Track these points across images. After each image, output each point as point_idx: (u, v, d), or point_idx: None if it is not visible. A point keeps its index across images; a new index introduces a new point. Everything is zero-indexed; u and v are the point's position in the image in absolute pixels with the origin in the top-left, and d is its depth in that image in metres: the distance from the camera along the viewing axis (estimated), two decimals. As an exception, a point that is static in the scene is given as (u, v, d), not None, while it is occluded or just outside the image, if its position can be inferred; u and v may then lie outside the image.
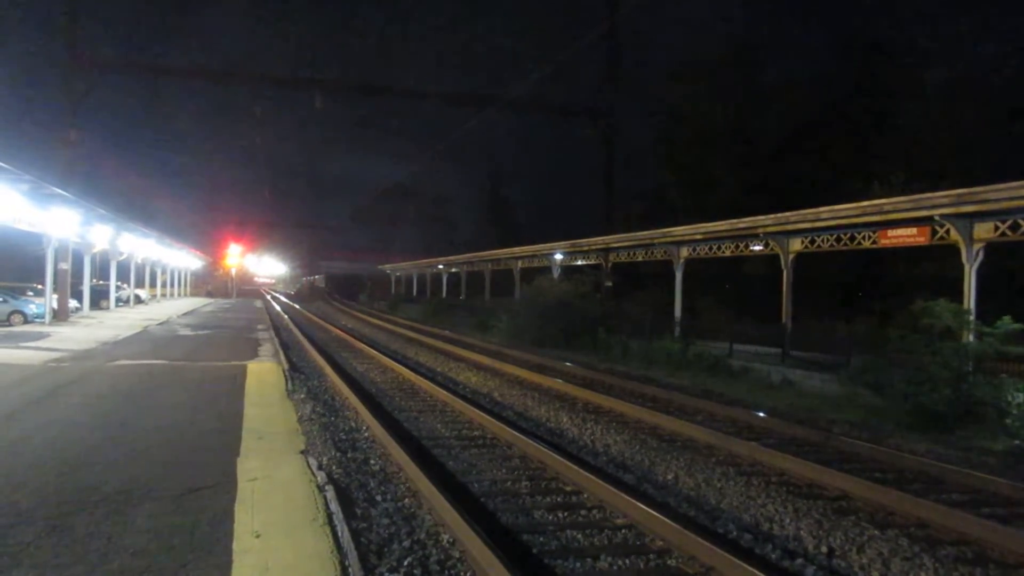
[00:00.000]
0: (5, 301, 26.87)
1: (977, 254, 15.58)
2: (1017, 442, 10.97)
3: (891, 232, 18.05)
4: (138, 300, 46.75)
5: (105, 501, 6.32)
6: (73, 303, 31.60)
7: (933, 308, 13.69)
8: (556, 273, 35.36)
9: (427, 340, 26.81)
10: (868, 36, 34.94)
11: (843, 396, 14.56)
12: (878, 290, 27.41)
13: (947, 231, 16.19)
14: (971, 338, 13.76)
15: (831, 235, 19.92)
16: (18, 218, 23.92)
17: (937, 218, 15.98)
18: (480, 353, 21.75)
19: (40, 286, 28.99)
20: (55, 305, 28.13)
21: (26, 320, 26.94)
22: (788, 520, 7.27)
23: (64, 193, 23.80)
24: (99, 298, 38.17)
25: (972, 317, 14.44)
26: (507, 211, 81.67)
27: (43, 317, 27.01)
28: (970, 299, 15.32)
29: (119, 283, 42.21)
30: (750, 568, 5.47)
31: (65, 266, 29.22)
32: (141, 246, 42.49)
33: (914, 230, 17.38)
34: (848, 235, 19.36)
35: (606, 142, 44.19)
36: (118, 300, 41.21)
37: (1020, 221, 14.69)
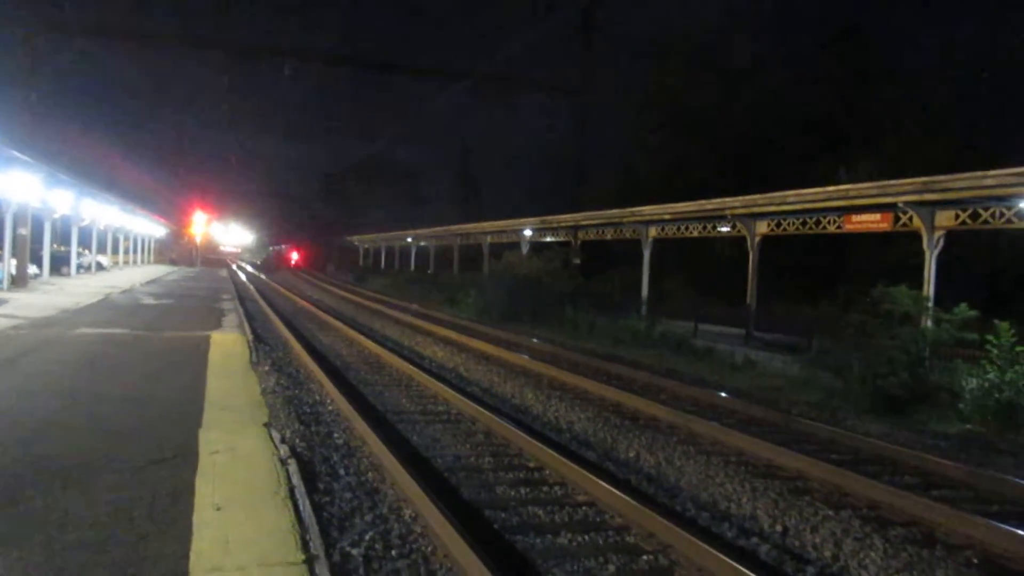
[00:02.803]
0: (-39, 265, 26.27)
1: (938, 241, 15.87)
2: (969, 426, 11.28)
3: (856, 217, 18.31)
4: (100, 267, 45.93)
5: (63, 473, 6.25)
6: (33, 269, 30.96)
7: (893, 294, 13.96)
8: (525, 249, 35.38)
9: (394, 313, 26.73)
10: (841, 21, 35.14)
11: (804, 378, 14.81)
12: (842, 275, 27.81)
13: (910, 218, 16.46)
14: (929, 324, 14.05)
15: (797, 219, 20.15)
16: (-25, 181, 23.33)
17: (901, 205, 16.22)
18: (447, 328, 21.75)
19: (-2, 251, 28.34)
20: (13, 271, 27.53)
21: (-17, 285, 26.35)
22: (745, 499, 7.42)
23: (23, 156, 23.21)
24: (60, 264, 37.39)
25: (931, 303, 14.74)
26: (477, 186, 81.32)
27: (1, 283, 26.44)
28: (930, 285, 15.62)
29: (81, 249, 41.39)
30: (705, 546, 5.59)
31: (24, 231, 28.58)
32: (103, 212, 41.64)
33: (878, 216, 17.65)
34: (814, 219, 19.60)
35: (577, 120, 44.10)
36: (79, 267, 40.42)
37: (980, 210, 14.98)
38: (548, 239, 35.71)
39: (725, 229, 23.48)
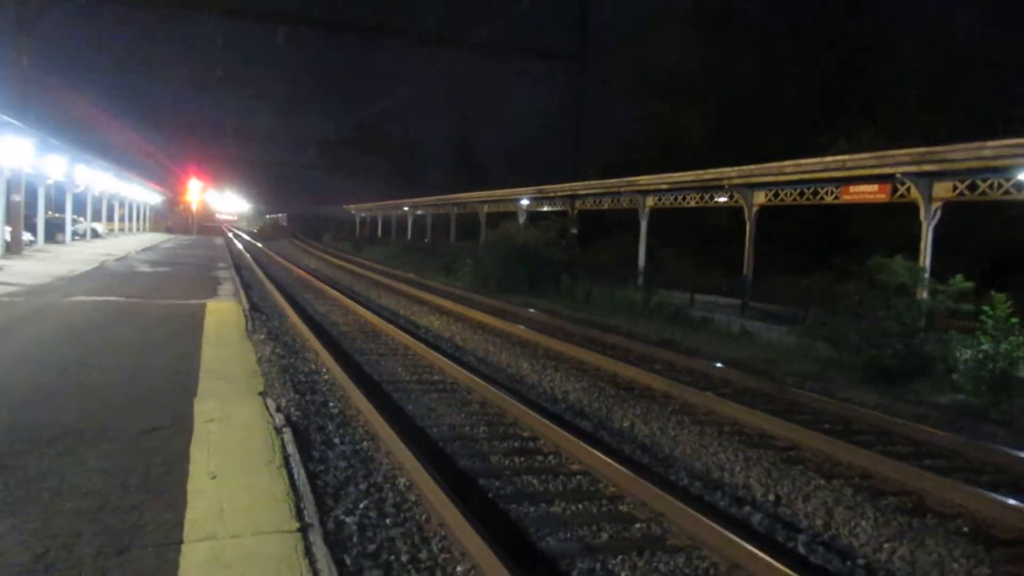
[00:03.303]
0: (-45, 233, 26.14)
1: (935, 213, 15.85)
2: (962, 396, 11.33)
3: (853, 188, 18.27)
4: (95, 234, 45.75)
5: (58, 440, 6.26)
6: (27, 236, 30.81)
7: (889, 264, 13.93)
8: (522, 219, 35.28)
9: (391, 283, 26.70)
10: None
11: (799, 348, 14.85)
12: (839, 246, 27.81)
13: (907, 189, 16.42)
14: (925, 295, 14.06)
15: (795, 189, 20.10)
16: (-33, 147, 23.13)
17: (899, 176, 16.18)
18: (444, 297, 21.74)
19: (-8, 218, 28.17)
20: (8, 238, 27.41)
21: (-23, 253, 26.25)
22: (738, 469, 7.46)
23: (15, 122, 22.99)
24: (55, 231, 37.21)
25: (927, 274, 14.74)
26: (474, 155, 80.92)
27: (-4, 250, 26.34)
28: (926, 257, 15.64)
29: (76, 216, 41.21)
30: (698, 515, 5.63)
31: (18, 198, 28.40)
32: (98, 179, 41.39)
33: (875, 187, 17.60)
34: (811, 190, 19.55)
35: (575, 89, 43.75)
36: (74, 234, 40.27)
37: (978, 182, 14.95)
38: (545, 208, 35.60)
39: (723, 199, 23.42)
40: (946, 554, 5.62)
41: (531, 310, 19.81)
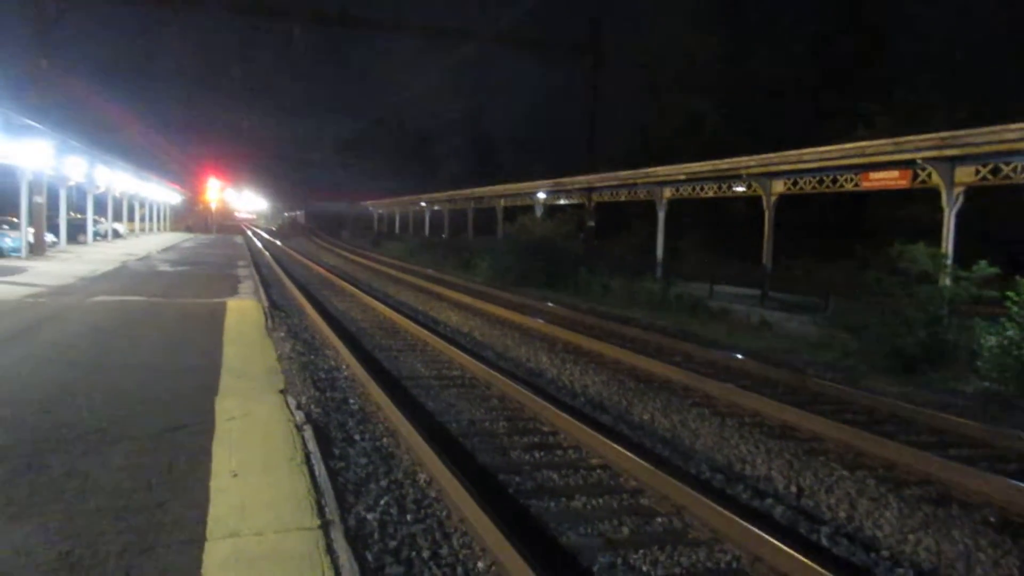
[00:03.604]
0: (-21, 235, 26.50)
1: (957, 198, 15.63)
2: (987, 384, 11.18)
3: (873, 175, 18.07)
4: (116, 234, 46.19)
5: (82, 439, 6.33)
6: (50, 237, 31.15)
7: (911, 251, 13.77)
8: (539, 212, 35.22)
9: (409, 278, 26.77)
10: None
11: (820, 338, 14.72)
12: (859, 234, 27.54)
13: (928, 175, 16.21)
14: (948, 282, 13.88)
15: (814, 177, 19.91)
16: (-10, 150, 23.41)
17: (919, 161, 15.97)
18: (462, 292, 21.76)
19: (15, 219, 28.51)
20: (31, 239, 27.73)
21: (1, 254, 26.59)
22: (760, 461, 7.41)
23: (37, 125, 23.25)
24: (76, 232, 37.63)
25: (949, 261, 14.56)
26: (490, 149, 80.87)
27: (19, 251, 26.66)
28: (948, 243, 15.44)
29: (97, 217, 41.62)
30: (719, 508, 5.60)
31: (40, 199, 28.72)
32: (118, 179, 41.76)
33: (896, 173, 17.40)
34: (831, 177, 19.36)
35: (590, 80, 43.51)
36: (96, 234, 40.70)
37: (1001, 165, 14.72)
38: (562, 201, 35.53)
39: (740, 189, 23.24)
40: (972, 545, 5.55)
41: (549, 304, 19.79)
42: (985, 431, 8.48)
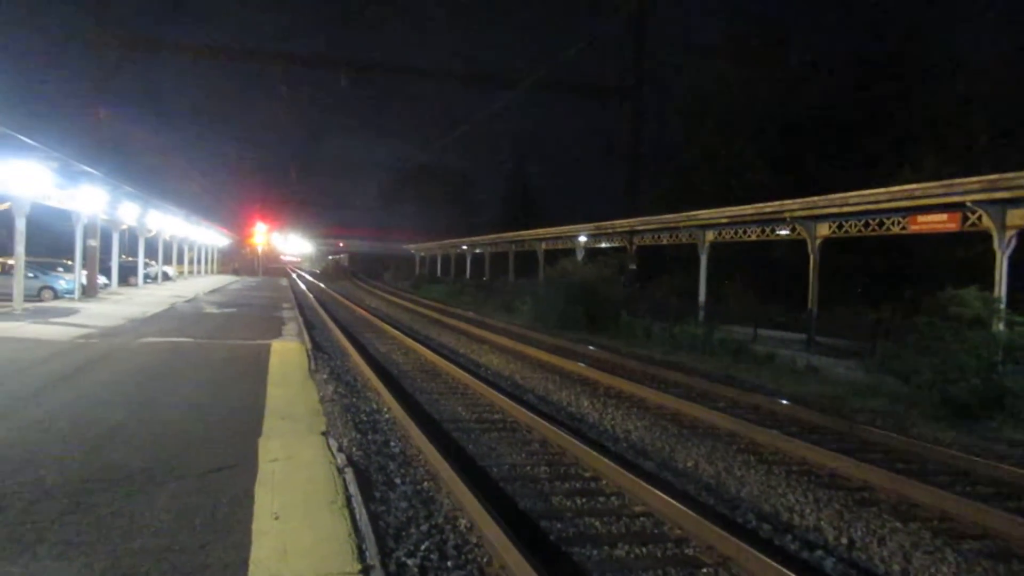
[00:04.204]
0: (36, 277, 27.24)
1: (1010, 241, 15.29)
2: (1046, 434, 10.79)
3: (921, 218, 17.77)
4: (166, 277, 47.27)
5: (128, 479, 6.41)
6: (102, 279, 32.00)
7: (962, 296, 13.47)
8: (580, 255, 35.25)
9: (450, 321, 26.87)
10: (900, 17, 34.22)
11: (868, 384, 14.39)
12: (906, 277, 27.03)
13: (979, 217, 15.90)
14: (1001, 327, 13.52)
15: (859, 220, 19.65)
16: (48, 195, 24.22)
17: (969, 204, 15.69)
18: (503, 335, 21.77)
19: (70, 262, 29.35)
20: (84, 281, 28.50)
21: (56, 295, 27.34)
22: (808, 510, 7.21)
23: (92, 171, 24.03)
24: (127, 274, 38.62)
25: (1003, 305, 14.20)
26: (530, 192, 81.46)
27: (72, 293, 27.40)
28: (1001, 287, 15.06)
29: (147, 260, 42.67)
30: (767, 559, 5.44)
31: (94, 243, 29.59)
32: (168, 223, 42.89)
33: (944, 216, 17.09)
34: (877, 220, 19.09)
35: (631, 123, 43.79)
36: (146, 277, 41.68)
37: (1055, 208, 14.39)
38: (603, 245, 35.52)
39: (784, 232, 23.02)
40: (1036, 603, 5.31)
41: (590, 347, 19.68)
42: (1046, 483, 8.16)
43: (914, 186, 17.32)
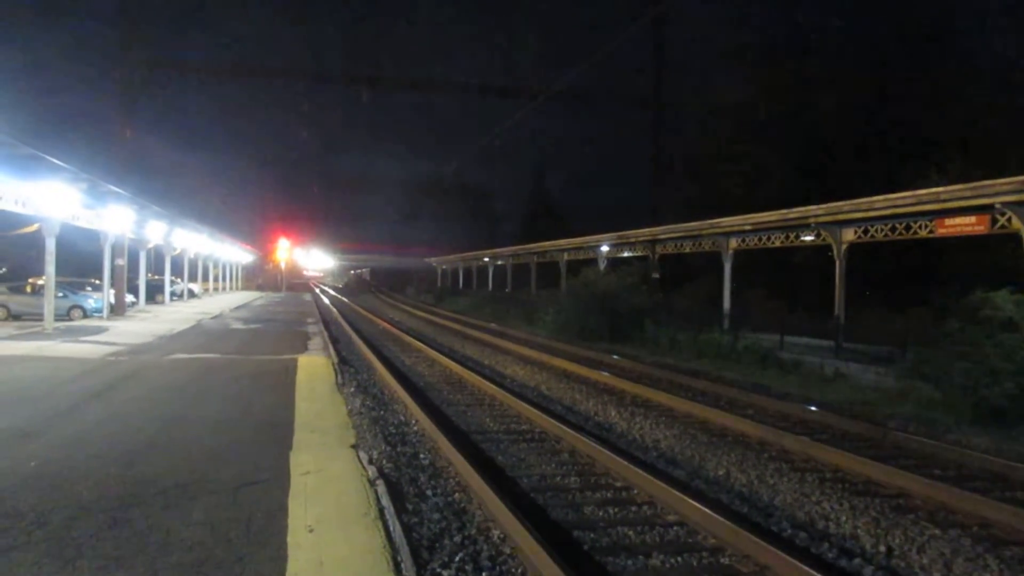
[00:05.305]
0: (65, 296, 27.61)
1: (1041, 243, 15.06)
2: (1085, 438, 10.59)
3: (949, 221, 17.57)
4: (191, 294, 47.75)
5: (163, 494, 6.46)
6: (130, 297, 32.38)
7: (994, 299, 13.27)
8: (602, 265, 35.16)
9: (473, 333, 26.90)
10: (924, 20, 33.87)
11: (899, 390, 14.20)
12: (934, 281, 26.67)
13: (1008, 219, 15.70)
14: (1035, 330, 13.28)
15: (885, 224, 19.46)
16: (77, 215, 24.58)
17: (998, 206, 15.50)
18: (527, 346, 21.74)
19: (98, 281, 29.72)
20: (112, 300, 28.86)
21: (85, 314, 27.70)
22: (844, 518, 7.12)
23: (120, 191, 24.35)
24: (154, 292, 39.05)
25: (1036, 308, 13.95)
26: (552, 203, 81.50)
27: (101, 311, 27.73)
28: (1033, 290, 14.81)
29: (173, 277, 43.14)
30: (806, 568, 5.37)
31: (122, 262, 29.95)
32: (194, 241, 43.37)
33: (973, 219, 16.88)
34: (903, 224, 18.89)
35: (653, 132, 43.73)
36: (172, 294, 42.13)
37: (1087, 208, 14.17)
38: (626, 254, 35.41)
39: (809, 238, 22.85)
40: (1083, 610, 5.20)
41: (615, 357, 19.60)
42: (1087, 487, 8.00)
43: (941, 189, 17.13)
